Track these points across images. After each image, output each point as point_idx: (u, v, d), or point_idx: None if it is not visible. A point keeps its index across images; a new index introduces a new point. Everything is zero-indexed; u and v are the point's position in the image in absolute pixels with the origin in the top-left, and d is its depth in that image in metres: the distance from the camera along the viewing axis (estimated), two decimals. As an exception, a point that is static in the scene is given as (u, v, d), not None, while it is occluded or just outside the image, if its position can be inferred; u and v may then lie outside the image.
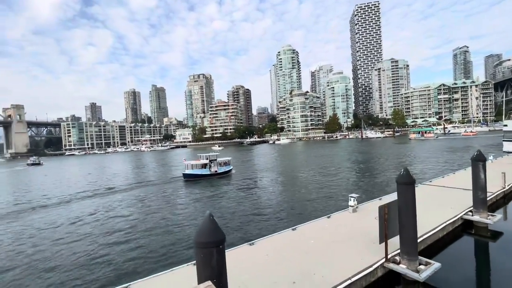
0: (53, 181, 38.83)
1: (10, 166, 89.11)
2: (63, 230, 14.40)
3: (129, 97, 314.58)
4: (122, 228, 14.09)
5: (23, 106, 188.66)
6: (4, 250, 12.12)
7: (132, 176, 38.98)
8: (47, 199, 24.18)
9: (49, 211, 19.42)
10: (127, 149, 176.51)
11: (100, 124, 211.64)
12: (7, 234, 14.59)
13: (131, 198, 22.09)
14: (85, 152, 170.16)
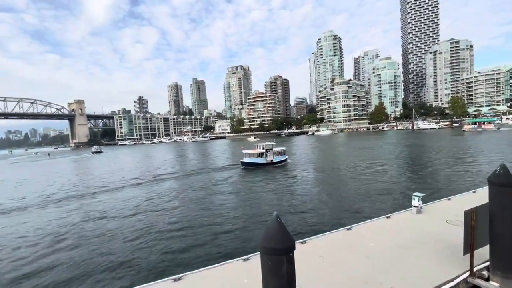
0: (121, 167, 43.86)
1: (78, 153, 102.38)
2: (135, 211, 15.76)
3: (172, 90, 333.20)
4: (186, 213, 14.75)
5: (84, 101, 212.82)
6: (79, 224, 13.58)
7: (191, 163, 42.21)
8: (124, 181, 27.65)
9: (127, 191, 21.84)
10: (171, 140, 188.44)
11: (146, 117, 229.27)
12: (84, 211, 16.40)
13: (197, 183, 23.91)
14: (135, 142, 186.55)
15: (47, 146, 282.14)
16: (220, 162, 39.14)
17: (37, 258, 10.14)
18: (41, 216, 16.13)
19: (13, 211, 17.91)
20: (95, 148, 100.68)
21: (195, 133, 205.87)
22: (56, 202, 19.70)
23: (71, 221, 14.52)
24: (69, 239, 11.89)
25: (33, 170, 49.98)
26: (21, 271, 9.18)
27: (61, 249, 10.89)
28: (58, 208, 17.78)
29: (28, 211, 17.61)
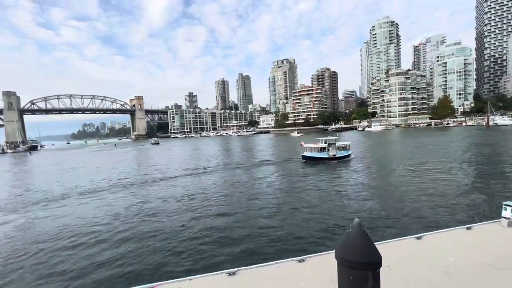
0: (182, 157, 47.19)
1: (140, 144, 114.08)
2: (206, 198, 16.39)
3: (219, 86, 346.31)
4: (243, 206, 14.83)
5: (142, 97, 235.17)
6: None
7: (247, 155, 43.55)
8: (188, 169, 30.09)
9: (192, 179, 23.22)
10: (217, 134, 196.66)
11: (196, 111, 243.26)
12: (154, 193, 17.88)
13: (261, 174, 24.58)
14: (185, 135, 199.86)
15: (113, 137, 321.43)
16: (276, 156, 39.19)
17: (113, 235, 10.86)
18: (115, 199, 17.80)
19: (95, 192, 20.30)
20: (154, 140, 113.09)
21: (240, 127, 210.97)
22: (123, 187, 21.74)
23: (132, 205, 15.60)
24: (125, 225, 12.41)
25: (107, 158, 57.06)
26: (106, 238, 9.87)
27: (122, 231, 11.47)
28: (126, 192, 19.46)
29: (113, 192, 19.75)
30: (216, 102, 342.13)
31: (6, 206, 18.40)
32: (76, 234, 11.95)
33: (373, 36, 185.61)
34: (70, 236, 11.81)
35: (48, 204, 18.10)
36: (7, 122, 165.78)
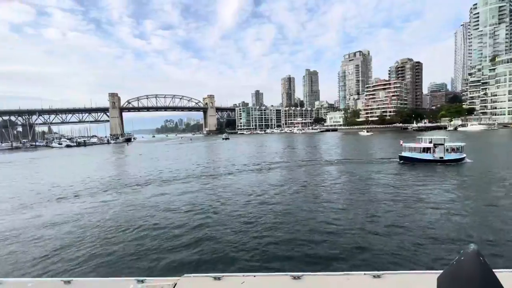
0: (250, 152, 48.09)
1: (212, 139, 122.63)
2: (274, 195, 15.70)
3: (285, 83, 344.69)
4: (322, 205, 13.08)
5: (214, 96, 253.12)
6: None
7: (313, 153, 41.78)
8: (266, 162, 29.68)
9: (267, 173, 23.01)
10: (282, 131, 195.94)
11: (261, 109, 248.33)
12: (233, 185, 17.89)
13: (330, 174, 22.65)
14: (250, 132, 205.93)
15: (188, 132, 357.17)
16: (350, 155, 35.50)
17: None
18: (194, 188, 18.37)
19: (172, 181, 21.60)
20: (225, 136, 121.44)
21: (305, 124, 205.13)
22: (196, 177, 22.51)
23: (204, 195, 15.54)
24: (196, 213, 12.12)
25: (185, 150, 62.74)
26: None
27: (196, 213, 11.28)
28: (198, 182, 19.98)
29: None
30: (282, 99, 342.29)
31: (110, 185, 20.89)
32: (149, 218, 12.09)
33: (474, 16, 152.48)
34: (143, 218, 11.97)
35: (136, 188, 19.72)
36: (111, 118, 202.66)
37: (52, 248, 10.25)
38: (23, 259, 9.47)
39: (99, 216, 13.90)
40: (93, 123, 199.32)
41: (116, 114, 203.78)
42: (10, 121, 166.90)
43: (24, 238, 11.47)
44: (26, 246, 10.65)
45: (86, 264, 8.86)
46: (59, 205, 16.83)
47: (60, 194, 19.75)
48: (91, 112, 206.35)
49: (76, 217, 13.92)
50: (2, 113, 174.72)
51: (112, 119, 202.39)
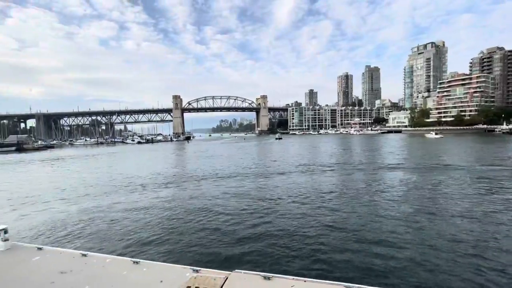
0: (303, 153, 47.25)
1: (265, 139, 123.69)
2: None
3: (342, 81, 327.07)
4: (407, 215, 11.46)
5: (267, 96, 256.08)
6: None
7: (374, 156, 37.87)
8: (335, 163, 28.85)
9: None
10: (337, 132, 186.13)
11: (315, 108, 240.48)
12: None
13: (393, 181, 19.98)
14: (303, 132, 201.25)
15: (241, 132, 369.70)
16: (417, 161, 31.23)
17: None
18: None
19: (226, 178, 22.15)
20: (278, 135, 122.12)
21: (364, 125, 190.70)
22: (248, 175, 22.54)
23: (255, 193, 15.24)
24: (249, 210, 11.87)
25: (238, 149, 64.81)
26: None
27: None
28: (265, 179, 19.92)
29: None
30: (338, 98, 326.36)
31: (173, 179, 22.48)
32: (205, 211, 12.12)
33: None
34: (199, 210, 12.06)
35: (197, 182, 20.62)
36: (174, 118, 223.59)
37: (125, 230, 11.27)
38: (103, 237, 10.57)
39: (164, 206, 14.85)
40: (159, 122, 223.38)
41: (178, 114, 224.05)
42: (96, 120, 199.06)
43: (103, 220, 12.86)
44: (104, 226, 11.88)
45: (150, 247, 9.45)
46: (131, 194, 18.66)
47: (132, 184, 22.03)
48: (157, 112, 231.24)
49: (145, 205, 15.16)
50: (91, 114, 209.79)
51: (174, 119, 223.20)
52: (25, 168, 37.67)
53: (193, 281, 6.01)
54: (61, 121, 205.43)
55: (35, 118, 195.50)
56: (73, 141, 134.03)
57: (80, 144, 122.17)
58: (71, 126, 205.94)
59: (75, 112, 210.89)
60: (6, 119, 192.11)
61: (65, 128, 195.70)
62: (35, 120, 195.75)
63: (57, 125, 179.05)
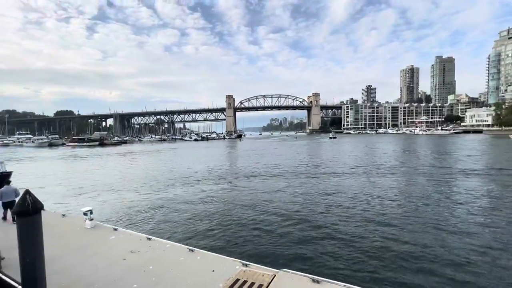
0: (360, 154, 44.92)
1: (316, 138, 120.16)
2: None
3: (406, 75, 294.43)
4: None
5: (319, 94, 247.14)
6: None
7: (473, 160, 31.99)
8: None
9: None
10: (398, 131, 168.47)
11: (373, 106, 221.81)
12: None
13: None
14: (359, 132, 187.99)
15: (291, 131, 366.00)
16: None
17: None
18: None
19: (277, 176, 22.28)
20: (332, 135, 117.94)
21: (432, 124, 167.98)
22: (298, 174, 22.15)
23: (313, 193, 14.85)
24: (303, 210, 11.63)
25: (291, 148, 64.51)
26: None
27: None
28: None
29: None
30: (400, 94, 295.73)
31: (228, 174, 23.62)
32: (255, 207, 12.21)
33: None
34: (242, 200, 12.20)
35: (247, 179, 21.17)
36: (227, 117, 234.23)
37: (183, 220, 12.33)
38: (164, 224, 11.75)
39: (218, 200, 15.73)
40: (213, 121, 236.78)
41: (231, 113, 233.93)
42: (160, 119, 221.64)
43: (165, 209, 14.29)
44: (166, 215, 13.19)
45: (203, 238, 10.07)
46: (190, 187, 20.30)
47: (191, 178, 23.94)
48: (212, 112, 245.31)
49: (201, 199, 16.35)
50: (156, 113, 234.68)
51: (227, 118, 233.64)
52: (105, 160, 44.34)
53: (242, 274, 6.18)
54: (132, 120, 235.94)
55: (113, 117, 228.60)
56: (141, 138, 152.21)
57: (147, 140, 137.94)
58: (140, 124, 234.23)
59: (143, 112, 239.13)
60: (92, 118, 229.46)
61: (135, 126, 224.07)
62: (113, 119, 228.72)
63: (129, 124, 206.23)
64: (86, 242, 8.26)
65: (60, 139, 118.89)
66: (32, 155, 56.96)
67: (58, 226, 9.50)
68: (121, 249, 7.63)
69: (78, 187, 20.84)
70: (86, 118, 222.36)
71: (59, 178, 26.22)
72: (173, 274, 6.19)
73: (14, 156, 55.00)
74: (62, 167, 36.67)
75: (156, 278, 6.03)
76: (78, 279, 6.11)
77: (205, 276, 6.12)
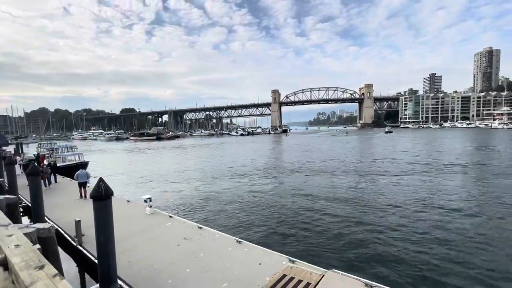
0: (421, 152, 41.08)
1: (369, 133, 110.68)
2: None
3: (481, 59, 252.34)
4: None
5: (372, 85, 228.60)
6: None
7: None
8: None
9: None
10: (469, 125, 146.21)
11: (438, 96, 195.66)
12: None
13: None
14: (419, 126, 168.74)
15: (340, 125, 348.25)
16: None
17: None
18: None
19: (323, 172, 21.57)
20: (388, 129, 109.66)
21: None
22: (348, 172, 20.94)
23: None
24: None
25: (341, 143, 61.73)
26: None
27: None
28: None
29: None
30: (474, 82, 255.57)
31: (274, 170, 23.77)
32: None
33: None
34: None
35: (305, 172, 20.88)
36: (272, 111, 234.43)
37: (231, 212, 12.79)
38: (214, 215, 12.39)
39: (265, 195, 15.91)
40: (258, 116, 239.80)
41: (276, 108, 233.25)
42: (208, 115, 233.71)
43: (215, 201, 15.03)
44: (215, 206, 13.85)
45: (250, 229, 10.34)
46: (238, 180, 21.00)
47: (239, 172, 24.75)
48: (257, 107, 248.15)
49: (249, 192, 16.79)
50: (205, 110, 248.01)
51: (273, 112, 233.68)
52: (161, 153, 48.71)
53: (289, 271, 6.10)
54: (184, 116, 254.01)
55: (167, 114, 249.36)
56: (192, 133, 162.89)
57: (197, 135, 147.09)
58: (191, 120, 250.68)
59: (193, 108, 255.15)
60: (150, 115, 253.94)
61: (187, 122, 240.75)
62: (168, 116, 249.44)
63: (182, 119, 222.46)
64: (146, 226, 9.17)
65: (124, 134, 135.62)
66: (103, 148, 66.16)
67: (123, 210, 10.77)
68: (175, 236, 8.26)
69: (138, 176, 23.40)
70: (145, 115, 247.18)
71: (123, 168, 29.88)
72: (222, 264, 6.43)
73: (90, 148, 64.46)
74: (126, 158, 41.71)
75: (206, 266, 6.35)
76: (141, 259, 6.81)
77: (252, 268, 6.21)
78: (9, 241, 2.73)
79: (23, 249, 2.52)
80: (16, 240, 2.75)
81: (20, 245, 2.61)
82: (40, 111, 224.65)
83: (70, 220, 8.95)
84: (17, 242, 2.67)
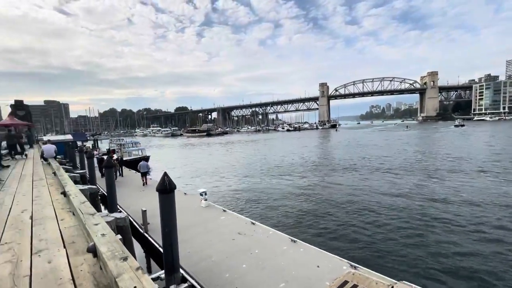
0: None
1: (434, 127, 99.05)
2: None
3: None
4: None
5: (437, 73, 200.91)
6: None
7: None
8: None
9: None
10: None
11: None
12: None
13: None
14: (498, 118, 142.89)
15: (397, 119, 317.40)
16: None
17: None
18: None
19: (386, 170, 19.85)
20: (458, 121, 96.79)
21: None
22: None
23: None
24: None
25: (401, 139, 56.53)
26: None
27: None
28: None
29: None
30: None
31: (330, 168, 22.88)
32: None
33: None
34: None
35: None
36: (320, 106, 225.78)
37: (284, 209, 12.64)
38: (266, 212, 12.34)
39: (317, 193, 15.39)
40: (305, 111, 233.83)
41: (324, 102, 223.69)
42: (255, 111, 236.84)
43: (268, 197, 15.04)
44: (267, 203, 13.85)
45: (304, 228, 10.03)
46: (287, 177, 20.65)
47: (286, 168, 24.45)
48: (304, 101, 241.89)
49: (301, 189, 16.37)
50: (251, 106, 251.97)
51: (320, 107, 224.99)
52: (211, 148, 51.20)
53: (351, 277, 5.61)
54: (232, 112, 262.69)
55: (216, 111, 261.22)
56: (239, 129, 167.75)
57: (244, 131, 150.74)
58: (238, 116, 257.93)
59: (240, 105, 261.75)
60: (201, 112, 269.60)
61: (234, 118, 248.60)
62: (217, 113, 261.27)
63: (230, 116, 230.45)
64: (202, 219, 9.58)
65: (178, 131, 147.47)
66: (160, 143, 72.96)
67: (182, 203, 11.48)
68: (230, 230, 8.41)
69: (192, 170, 24.95)
70: (197, 112, 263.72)
71: (179, 162, 32.25)
72: (277, 262, 6.27)
73: (149, 144, 71.56)
74: (180, 153, 45.06)
75: (262, 263, 6.26)
76: (200, 250, 7.09)
77: (309, 270, 5.90)
78: (97, 230, 2.91)
79: (108, 238, 2.65)
80: (102, 229, 2.91)
81: (106, 234, 2.75)
82: (110, 111, 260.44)
83: (137, 209, 9.90)
84: (103, 231, 2.81)
